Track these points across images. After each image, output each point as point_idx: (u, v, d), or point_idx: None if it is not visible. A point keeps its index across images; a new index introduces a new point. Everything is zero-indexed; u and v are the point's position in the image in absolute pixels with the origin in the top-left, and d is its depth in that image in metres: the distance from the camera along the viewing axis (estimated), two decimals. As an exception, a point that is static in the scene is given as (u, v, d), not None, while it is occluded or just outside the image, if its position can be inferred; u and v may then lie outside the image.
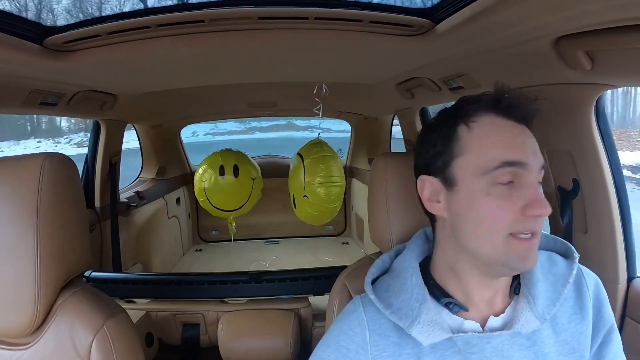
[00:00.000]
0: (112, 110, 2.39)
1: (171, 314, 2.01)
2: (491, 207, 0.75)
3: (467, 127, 0.79)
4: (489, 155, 0.76)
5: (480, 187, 0.77)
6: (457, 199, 0.80)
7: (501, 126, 0.78)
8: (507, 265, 0.77)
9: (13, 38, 1.19)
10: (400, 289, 0.86)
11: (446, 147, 0.81)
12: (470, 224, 0.78)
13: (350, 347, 0.84)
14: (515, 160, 0.75)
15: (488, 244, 0.77)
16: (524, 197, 0.74)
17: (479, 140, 0.78)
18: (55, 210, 0.98)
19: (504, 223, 0.74)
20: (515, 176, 0.75)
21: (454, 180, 0.80)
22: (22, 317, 0.95)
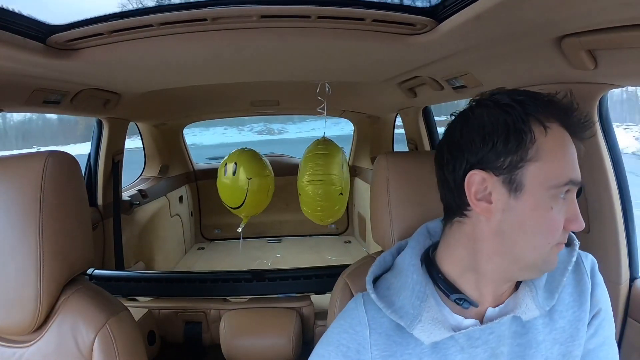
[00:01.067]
0: (115, 109, 2.40)
1: (173, 312, 2.01)
2: (552, 220, 0.75)
3: (544, 130, 0.74)
4: (561, 170, 0.74)
5: (545, 198, 0.74)
6: (520, 205, 0.75)
7: (568, 142, 0.76)
8: (541, 269, 0.80)
9: (16, 36, 1.19)
10: (402, 287, 0.85)
11: (520, 147, 0.73)
12: (527, 233, 0.75)
13: (350, 346, 0.83)
14: (577, 180, 0.76)
15: (536, 253, 0.77)
16: (568, 212, 0.76)
17: (554, 152, 0.74)
18: (58, 208, 0.98)
19: (557, 236, 0.76)
20: (569, 190, 0.76)
21: (521, 186, 0.74)
22: (24, 315, 0.95)
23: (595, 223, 1.29)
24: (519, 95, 0.76)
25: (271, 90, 2.83)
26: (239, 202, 3.25)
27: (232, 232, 3.43)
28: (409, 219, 1.09)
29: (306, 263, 3.39)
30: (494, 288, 0.82)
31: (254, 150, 3.24)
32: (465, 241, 0.82)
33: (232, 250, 4.12)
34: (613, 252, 1.26)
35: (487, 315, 0.82)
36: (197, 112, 3.75)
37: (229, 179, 3.11)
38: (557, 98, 0.76)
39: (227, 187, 3.10)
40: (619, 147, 1.26)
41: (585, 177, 1.26)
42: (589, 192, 1.29)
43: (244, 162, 3.17)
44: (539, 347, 0.81)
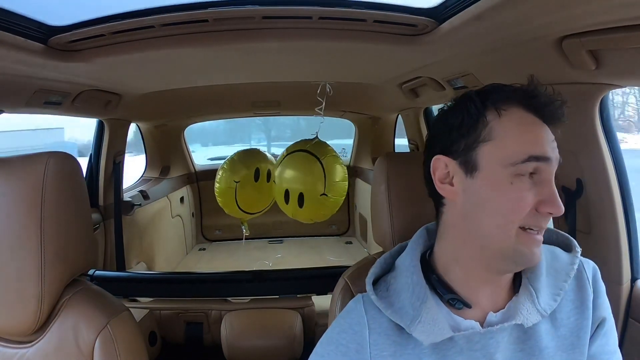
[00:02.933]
0: (116, 110, 2.40)
1: (174, 313, 2.01)
2: (512, 196, 0.75)
3: (497, 113, 0.78)
4: (517, 147, 0.76)
5: (503, 176, 0.76)
6: (476, 184, 0.78)
7: (530, 121, 0.78)
8: (514, 258, 0.77)
9: (18, 38, 1.19)
10: (402, 288, 0.85)
11: (472, 131, 0.79)
12: (487, 211, 0.77)
13: (350, 346, 0.83)
14: (542, 155, 0.76)
15: (500, 233, 0.76)
16: (541, 193, 0.75)
17: (509, 131, 0.77)
18: (59, 209, 0.98)
19: (519, 214, 0.75)
20: (537, 170, 0.76)
21: (476, 166, 0.78)
22: (25, 315, 0.95)
23: (597, 223, 1.29)
24: (487, 88, 0.82)
25: (272, 91, 2.83)
26: (263, 206, 3.25)
27: (233, 232, 3.44)
28: (409, 220, 1.09)
29: (307, 264, 3.40)
30: (483, 284, 0.82)
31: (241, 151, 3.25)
32: (445, 231, 0.86)
33: (233, 251, 4.12)
34: (614, 253, 1.25)
35: (489, 319, 0.82)
36: (198, 113, 3.75)
37: (262, 184, 3.12)
38: (523, 86, 0.80)
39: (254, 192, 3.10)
40: (620, 147, 1.25)
41: (586, 177, 1.27)
42: (590, 192, 1.28)
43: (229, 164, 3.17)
44: (542, 354, 0.81)
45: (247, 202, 3.13)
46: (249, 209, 3.17)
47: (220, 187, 3.08)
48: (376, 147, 3.88)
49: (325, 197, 2.75)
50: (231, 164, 3.08)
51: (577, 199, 1.31)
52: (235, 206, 3.10)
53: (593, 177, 1.26)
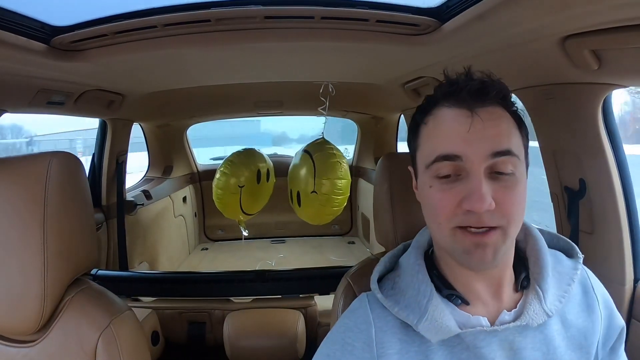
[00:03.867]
0: (119, 110, 2.40)
1: (177, 313, 2.02)
2: (433, 199, 0.77)
3: (424, 124, 0.81)
4: (429, 149, 0.78)
5: (425, 179, 0.80)
6: (418, 188, 0.85)
7: (449, 118, 0.77)
8: (455, 257, 0.78)
9: (20, 38, 1.19)
10: (407, 286, 0.85)
11: (411, 141, 0.86)
12: (425, 214, 0.83)
13: (356, 345, 0.83)
14: (449, 153, 0.75)
15: (437, 234, 0.80)
16: (464, 190, 0.73)
17: (427, 135, 0.80)
18: (62, 209, 0.98)
19: (444, 216, 0.75)
20: (457, 169, 0.75)
21: (416, 173, 0.86)
22: (28, 315, 0.96)
23: (599, 224, 1.28)
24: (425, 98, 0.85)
25: (275, 91, 2.83)
26: (260, 207, 3.25)
27: (235, 232, 3.44)
28: (412, 220, 1.09)
29: (310, 264, 3.40)
30: (476, 282, 0.82)
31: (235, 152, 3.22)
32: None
33: (236, 251, 4.12)
34: (617, 253, 1.25)
35: (501, 318, 0.81)
36: (201, 113, 3.75)
37: (263, 184, 3.12)
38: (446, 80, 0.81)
39: (257, 194, 3.10)
40: (623, 147, 1.25)
41: (589, 177, 1.27)
42: (593, 193, 1.28)
43: (267, 165, 3.18)
44: (556, 353, 0.81)
45: (250, 204, 3.12)
46: (251, 210, 3.18)
47: (223, 193, 3.02)
48: (379, 147, 3.88)
49: (315, 194, 2.75)
50: (232, 168, 3.02)
51: (580, 200, 1.31)
52: (238, 210, 3.09)
53: (596, 177, 1.26)
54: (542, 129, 1.41)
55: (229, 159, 3.07)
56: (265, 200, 3.25)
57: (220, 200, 3.05)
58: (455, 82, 0.78)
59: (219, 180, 3.01)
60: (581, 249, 0.90)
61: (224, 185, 2.99)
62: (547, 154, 1.41)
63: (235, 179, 2.98)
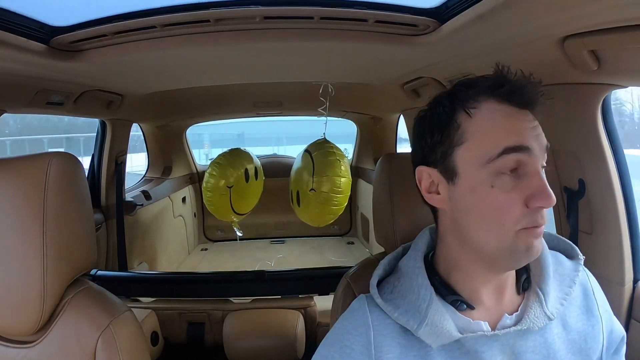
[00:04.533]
0: (118, 110, 2.40)
1: (176, 313, 2.02)
2: (496, 200, 0.72)
3: (467, 114, 0.76)
4: (491, 143, 0.73)
5: (483, 178, 0.73)
6: (459, 191, 0.77)
7: (502, 112, 0.74)
8: (513, 257, 0.75)
9: (20, 38, 1.19)
10: (407, 290, 0.84)
11: (445, 137, 0.77)
12: (475, 218, 0.75)
13: (354, 347, 0.82)
14: (518, 144, 0.72)
15: (494, 238, 0.74)
16: (528, 187, 0.71)
17: (480, 128, 0.74)
18: (61, 209, 0.98)
19: (511, 218, 0.72)
20: (519, 164, 0.72)
21: (455, 172, 0.77)
22: (28, 316, 0.96)
23: (599, 224, 1.28)
24: (455, 87, 0.80)
25: (274, 92, 2.84)
26: (252, 206, 3.25)
27: (234, 233, 3.44)
28: (411, 220, 1.09)
29: (309, 264, 3.40)
30: (485, 286, 0.82)
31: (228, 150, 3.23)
32: (443, 237, 0.85)
33: (235, 251, 4.12)
34: (616, 253, 1.25)
35: (502, 322, 0.81)
36: (200, 114, 3.75)
37: (252, 183, 3.12)
38: (490, 76, 0.77)
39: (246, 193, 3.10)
40: (622, 147, 1.25)
41: (588, 178, 1.27)
42: (592, 193, 1.28)
43: (256, 164, 3.19)
44: (556, 356, 0.80)
45: (240, 204, 3.13)
46: (242, 210, 3.19)
47: (213, 195, 3.03)
48: (378, 147, 3.88)
49: (314, 192, 2.75)
50: (220, 169, 3.03)
51: (579, 200, 1.31)
52: (229, 210, 3.09)
53: (595, 177, 1.26)
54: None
55: (216, 160, 3.09)
56: (255, 200, 3.26)
57: (210, 202, 3.07)
58: (509, 79, 0.76)
59: (207, 182, 3.03)
60: (581, 249, 0.90)
61: (213, 187, 3.01)
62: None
63: (224, 179, 2.99)
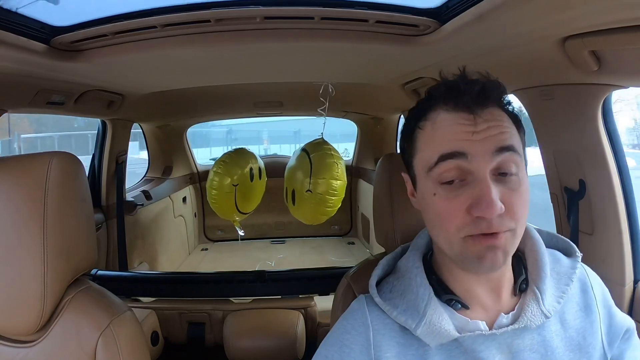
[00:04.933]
0: (118, 110, 2.41)
1: (177, 313, 2.02)
2: (438, 208, 0.75)
3: (419, 128, 0.79)
4: (430, 152, 0.75)
5: (428, 186, 0.76)
6: (418, 196, 0.82)
7: (447, 120, 0.75)
8: (468, 264, 0.75)
9: (20, 38, 1.19)
10: (405, 289, 0.85)
11: (407, 147, 0.83)
12: (428, 222, 0.80)
13: (354, 347, 0.83)
14: (451, 151, 0.72)
15: (445, 243, 0.76)
16: (471, 195, 0.71)
17: (426, 138, 0.78)
18: (62, 209, 0.98)
19: (452, 225, 0.73)
20: (462, 173, 0.72)
21: (415, 179, 0.82)
22: (28, 315, 0.96)
23: (599, 224, 1.28)
24: (420, 100, 0.85)
25: (274, 92, 2.84)
26: (255, 205, 3.25)
27: (235, 233, 3.45)
28: (411, 221, 1.09)
29: (309, 264, 3.40)
30: (478, 285, 0.82)
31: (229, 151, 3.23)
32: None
33: (236, 251, 4.13)
34: (617, 254, 1.25)
35: (499, 322, 0.81)
36: (201, 114, 3.76)
37: (256, 183, 3.12)
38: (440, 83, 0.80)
39: (250, 192, 3.10)
40: (622, 148, 1.25)
41: (588, 178, 1.27)
42: (592, 193, 1.28)
43: (259, 164, 3.19)
44: (554, 354, 0.80)
45: (244, 203, 3.13)
46: (246, 209, 3.18)
47: (218, 193, 3.02)
48: (378, 147, 3.88)
49: (310, 193, 2.75)
50: (226, 167, 3.03)
51: (579, 200, 1.31)
52: (233, 209, 3.09)
53: (595, 178, 1.26)
54: (542, 130, 1.41)
55: (222, 159, 3.08)
56: (259, 199, 3.26)
57: (215, 201, 3.06)
58: (454, 86, 0.76)
59: (213, 180, 3.01)
60: (581, 249, 0.90)
61: (219, 185, 2.99)
62: (547, 155, 1.41)
63: (229, 178, 2.98)
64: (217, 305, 2.02)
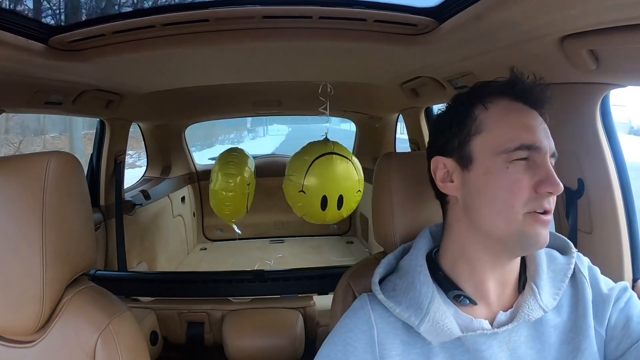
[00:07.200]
0: (117, 110, 2.40)
1: (176, 313, 2.01)
2: (508, 181, 0.77)
3: (484, 107, 0.82)
4: (508, 136, 0.79)
5: (497, 163, 0.78)
6: (473, 176, 0.82)
7: (517, 109, 0.81)
8: (521, 242, 0.78)
9: (19, 38, 1.19)
10: (409, 287, 0.85)
11: (463, 127, 0.83)
12: (486, 200, 0.80)
13: (357, 345, 0.83)
14: (532, 143, 0.78)
15: (503, 220, 0.78)
16: (537, 174, 0.76)
17: (498, 120, 0.81)
18: (60, 209, 0.98)
19: (520, 199, 0.76)
20: (530, 156, 0.78)
21: (470, 158, 0.82)
22: (27, 315, 0.95)
23: (598, 223, 1.28)
24: (474, 86, 0.88)
25: (273, 91, 2.84)
26: (251, 204, 3.24)
27: (234, 232, 3.45)
28: (411, 220, 1.09)
29: (308, 264, 3.41)
30: (490, 279, 0.83)
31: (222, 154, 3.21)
32: (451, 227, 0.88)
33: (235, 251, 4.12)
34: (615, 253, 1.25)
35: (498, 319, 0.82)
36: (199, 113, 3.76)
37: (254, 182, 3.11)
38: (505, 78, 0.84)
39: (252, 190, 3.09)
40: (621, 146, 1.25)
41: (587, 177, 1.27)
42: (591, 192, 1.28)
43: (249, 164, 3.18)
44: (551, 349, 0.82)
45: (250, 201, 3.14)
46: (250, 207, 3.19)
47: (234, 195, 2.98)
48: (377, 146, 3.88)
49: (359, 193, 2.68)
50: (237, 168, 3.00)
51: (578, 199, 1.31)
52: (244, 208, 3.07)
53: (594, 176, 1.26)
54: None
55: (228, 160, 3.04)
56: (252, 197, 3.24)
57: (229, 203, 3.01)
58: (521, 80, 0.83)
59: (228, 183, 2.96)
60: (580, 248, 0.90)
61: (235, 186, 2.96)
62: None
63: (242, 177, 2.98)
64: (217, 305, 2.01)
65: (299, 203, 2.64)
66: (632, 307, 0.85)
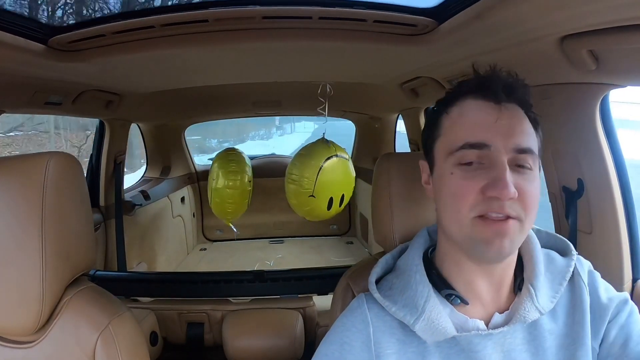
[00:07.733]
0: (117, 110, 2.40)
1: (176, 313, 2.01)
2: (453, 186, 0.77)
3: (446, 113, 0.83)
4: (455, 136, 0.79)
5: (446, 167, 0.79)
6: (434, 180, 0.85)
7: (475, 108, 0.80)
8: (474, 248, 0.77)
9: (18, 38, 1.19)
10: (405, 286, 0.86)
11: (430, 132, 0.86)
12: (441, 204, 0.81)
13: (354, 344, 0.83)
14: (477, 141, 0.76)
15: (455, 224, 0.78)
16: (486, 177, 0.74)
17: (451, 123, 0.81)
18: (60, 209, 0.98)
19: (465, 203, 0.75)
20: (481, 157, 0.76)
21: (433, 162, 0.85)
22: (27, 316, 0.96)
23: (598, 223, 1.28)
24: (447, 90, 0.89)
25: (273, 91, 2.84)
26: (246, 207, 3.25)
27: (233, 233, 3.45)
28: (410, 220, 1.09)
29: (308, 264, 3.41)
30: (480, 280, 0.83)
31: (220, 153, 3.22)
32: (438, 231, 0.89)
33: (234, 251, 4.12)
34: (615, 253, 1.25)
35: (494, 320, 0.82)
36: (199, 113, 3.76)
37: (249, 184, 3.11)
38: (475, 75, 0.84)
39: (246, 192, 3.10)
40: (620, 147, 1.25)
41: (587, 177, 1.27)
42: (591, 192, 1.28)
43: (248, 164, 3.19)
44: (546, 354, 0.81)
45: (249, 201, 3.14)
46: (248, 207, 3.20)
47: (241, 192, 3.01)
48: (377, 147, 3.88)
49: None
50: (239, 166, 3.03)
51: (578, 199, 1.31)
52: (245, 208, 3.08)
53: (594, 177, 1.26)
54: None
55: (230, 159, 3.07)
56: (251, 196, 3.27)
57: (232, 201, 3.03)
58: (484, 76, 0.81)
59: (235, 180, 2.99)
60: (580, 249, 0.90)
61: (242, 183, 3.00)
62: (545, 154, 1.41)
63: (244, 174, 3.02)
64: (216, 305, 2.02)
65: (307, 207, 2.66)
66: (633, 324, 0.83)
